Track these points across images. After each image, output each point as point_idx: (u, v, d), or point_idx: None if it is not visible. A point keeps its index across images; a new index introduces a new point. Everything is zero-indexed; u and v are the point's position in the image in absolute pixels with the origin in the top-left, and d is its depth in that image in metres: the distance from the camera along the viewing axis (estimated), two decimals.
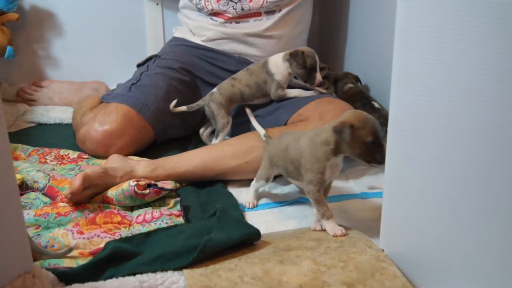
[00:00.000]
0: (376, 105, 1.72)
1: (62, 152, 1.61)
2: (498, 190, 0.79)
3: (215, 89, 1.63)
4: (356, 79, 1.93)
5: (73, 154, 1.60)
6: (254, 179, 1.33)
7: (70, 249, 1.05)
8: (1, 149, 0.81)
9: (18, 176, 1.35)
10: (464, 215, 0.85)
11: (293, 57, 1.55)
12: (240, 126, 1.63)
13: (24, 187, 1.35)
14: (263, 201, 1.36)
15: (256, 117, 1.63)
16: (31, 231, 1.14)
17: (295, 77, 1.63)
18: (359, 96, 1.80)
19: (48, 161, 1.55)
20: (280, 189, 1.42)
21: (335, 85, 1.96)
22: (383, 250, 0.99)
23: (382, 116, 1.55)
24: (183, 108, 1.62)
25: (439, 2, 0.80)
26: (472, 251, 0.85)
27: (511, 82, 0.75)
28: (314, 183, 1.10)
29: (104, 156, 1.51)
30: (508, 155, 0.77)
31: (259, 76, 1.60)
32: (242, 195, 1.38)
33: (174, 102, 1.62)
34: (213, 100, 1.60)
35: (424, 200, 0.91)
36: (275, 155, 1.25)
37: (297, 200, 1.35)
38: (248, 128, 1.62)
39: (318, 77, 1.56)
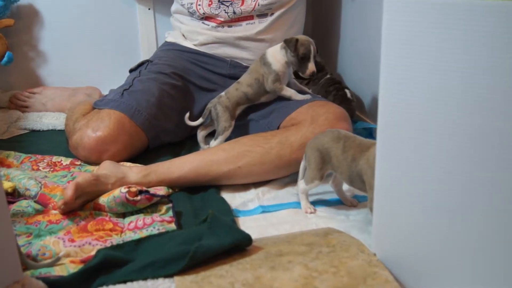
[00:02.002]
0: (349, 95, 1.77)
1: (55, 159, 1.61)
2: (490, 194, 0.79)
3: (223, 93, 1.64)
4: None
5: (66, 161, 1.59)
6: (302, 183, 1.31)
7: (58, 259, 1.05)
8: None
9: (9, 184, 1.34)
10: (456, 219, 0.84)
11: (287, 43, 1.55)
12: (239, 129, 1.63)
13: (16, 195, 1.34)
14: (255, 205, 1.36)
15: (249, 121, 1.62)
16: (22, 239, 1.14)
17: (295, 74, 1.63)
18: (331, 81, 1.90)
19: (40, 168, 1.54)
20: (274, 193, 1.42)
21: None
22: (375, 255, 0.99)
23: (351, 110, 1.58)
24: (199, 121, 1.64)
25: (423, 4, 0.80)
26: (465, 256, 0.85)
27: (500, 83, 0.75)
28: None
29: (97, 163, 1.50)
30: (499, 158, 0.77)
31: (258, 72, 1.60)
32: (235, 199, 1.38)
33: (188, 115, 1.63)
34: (220, 103, 1.61)
35: (415, 204, 0.91)
36: (333, 157, 1.23)
37: (290, 204, 1.35)
38: (246, 131, 1.62)
39: (310, 67, 1.53)
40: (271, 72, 1.57)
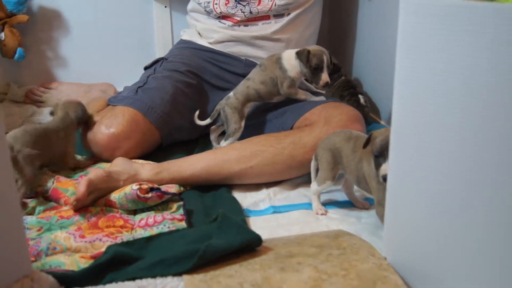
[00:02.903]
0: (362, 100, 1.76)
1: None
2: (504, 199, 0.78)
3: (231, 93, 1.62)
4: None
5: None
6: (314, 184, 1.31)
7: None
8: None
9: None
10: (468, 224, 0.83)
11: (299, 55, 1.53)
12: (252, 128, 1.63)
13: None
14: (266, 205, 1.35)
15: (262, 120, 1.62)
16: (33, 233, 1.15)
17: (305, 79, 1.62)
18: (347, 85, 1.89)
19: None
20: (286, 194, 1.41)
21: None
22: (385, 258, 0.98)
23: (363, 116, 1.59)
24: (207, 121, 1.62)
25: (442, 7, 0.79)
26: (476, 262, 0.84)
27: None
28: (384, 204, 1.02)
29: (110, 159, 1.51)
30: None
31: (273, 72, 1.58)
32: (247, 199, 1.37)
33: (197, 113, 1.61)
34: (228, 105, 1.59)
35: (427, 208, 0.90)
36: (344, 157, 1.24)
37: (302, 205, 1.34)
38: (259, 131, 1.61)
39: (324, 77, 1.51)
40: (286, 77, 1.56)
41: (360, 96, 1.84)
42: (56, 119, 1.48)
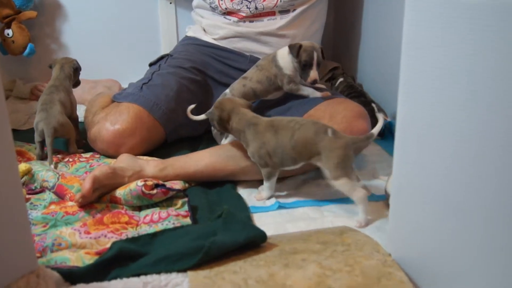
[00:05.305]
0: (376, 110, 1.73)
1: None
2: (507, 195, 0.77)
3: (227, 90, 1.62)
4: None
5: (86, 154, 1.60)
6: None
7: None
8: (5, 149, 0.81)
9: (25, 166, 1.37)
10: (473, 220, 0.83)
11: (290, 49, 1.52)
12: None
13: (34, 187, 1.36)
14: (272, 201, 1.35)
15: (268, 117, 1.61)
16: (38, 229, 1.15)
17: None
18: (351, 90, 1.88)
19: (60, 160, 1.56)
20: (292, 191, 1.41)
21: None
22: (390, 255, 0.98)
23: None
24: (202, 116, 1.61)
25: (448, 3, 0.78)
26: (481, 258, 0.83)
27: None
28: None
29: (115, 156, 1.51)
30: None
31: (269, 71, 1.58)
32: (252, 196, 1.37)
33: (191, 107, 1.59)
34: None
35: (432, 204, 0.89)
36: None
37: (307, 201, 1.34)
38: None
39: (312, 75, 1.50)
40: (283, 75, 1.56)
41: (374, 105, 1.78)
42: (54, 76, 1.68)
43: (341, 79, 1.93)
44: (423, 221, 0.92)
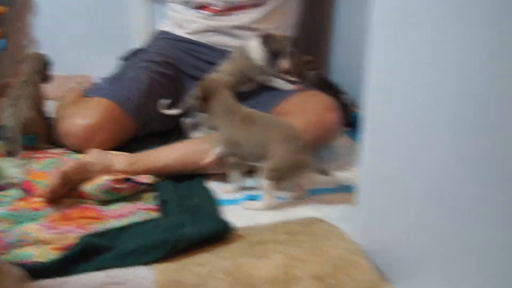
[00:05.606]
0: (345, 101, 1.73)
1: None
2: (475, 184, 0.78)
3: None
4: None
5: (55, 150, 1.58)
6: None
7: None
8: None
9: None
10: (440, 210, 0.83)
11: (262, 39, 1.53)
12: None
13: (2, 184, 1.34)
14: (242, 194, 1.35)
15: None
16: (3, 225, 1.13)
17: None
18: (322, 84, 1.84)
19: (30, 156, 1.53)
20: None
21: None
22: (357, 244, 0.98)
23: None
24: (174, 111, 1.59)
25: None
26: (448, 247, 0.84)
27: (488, 75, 0.73)
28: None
29: (85, 150, 1.49)
30: (484, 149, 0.75)
31: (241, 62, 1.58)
32: (221, 188, 1.37)
33: (163, 102, 1.57)
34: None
35: (399, 194, 0.90)
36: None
37: None
38: None
39: (283, 64, 1.51)
40: (255, 66, 1.56)
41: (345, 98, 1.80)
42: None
43: (313, 72, 1.92)
44: (390, 211, 0.92)
